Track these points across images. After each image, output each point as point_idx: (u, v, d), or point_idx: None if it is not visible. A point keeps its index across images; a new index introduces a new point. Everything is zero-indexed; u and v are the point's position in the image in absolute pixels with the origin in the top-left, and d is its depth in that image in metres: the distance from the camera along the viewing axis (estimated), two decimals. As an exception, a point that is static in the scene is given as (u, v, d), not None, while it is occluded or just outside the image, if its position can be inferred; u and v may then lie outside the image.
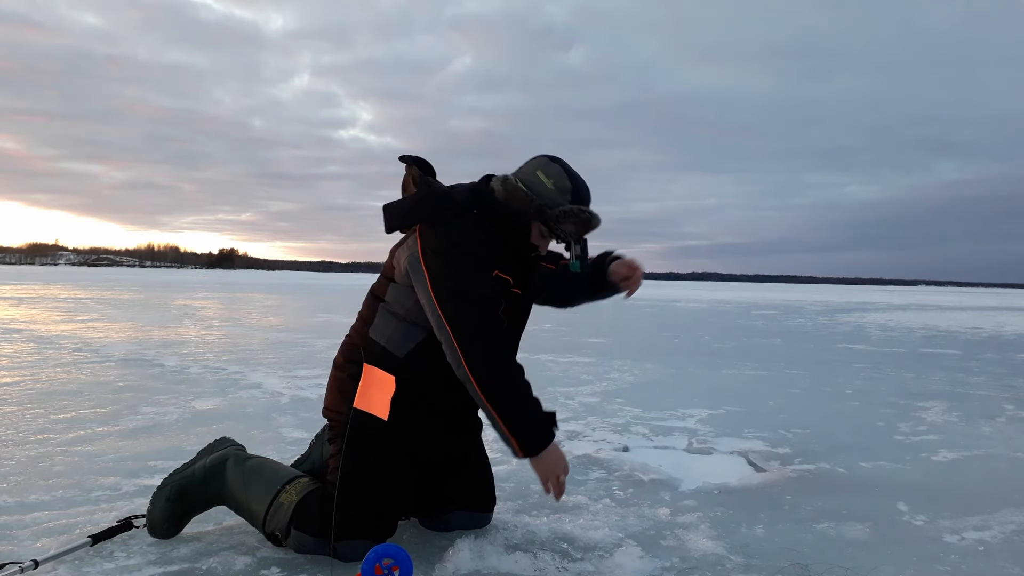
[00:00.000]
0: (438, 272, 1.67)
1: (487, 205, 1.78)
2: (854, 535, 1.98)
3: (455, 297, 1.65)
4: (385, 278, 1.83)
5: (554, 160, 1.82)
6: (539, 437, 1.68)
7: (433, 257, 1.68)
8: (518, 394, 1.67)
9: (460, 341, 1.64)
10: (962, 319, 15.20)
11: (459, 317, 1.64)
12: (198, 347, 6.31)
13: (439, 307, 1.65)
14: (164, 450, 2.69)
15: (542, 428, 1.69)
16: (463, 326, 1.64)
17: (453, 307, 1.64)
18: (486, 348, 1.65)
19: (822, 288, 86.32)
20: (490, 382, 1.64)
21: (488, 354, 1.65)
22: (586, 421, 3.46)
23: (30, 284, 23.75)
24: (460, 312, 1.64)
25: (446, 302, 1.65)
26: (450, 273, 1.66)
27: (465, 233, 1.71)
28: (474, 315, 1.65)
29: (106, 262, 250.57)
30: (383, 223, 1.77)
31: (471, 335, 1.64)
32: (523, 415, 1.67)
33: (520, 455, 1.68)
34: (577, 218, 1.76)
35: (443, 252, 1.68)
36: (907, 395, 4.57)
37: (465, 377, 1.65)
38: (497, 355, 1.66)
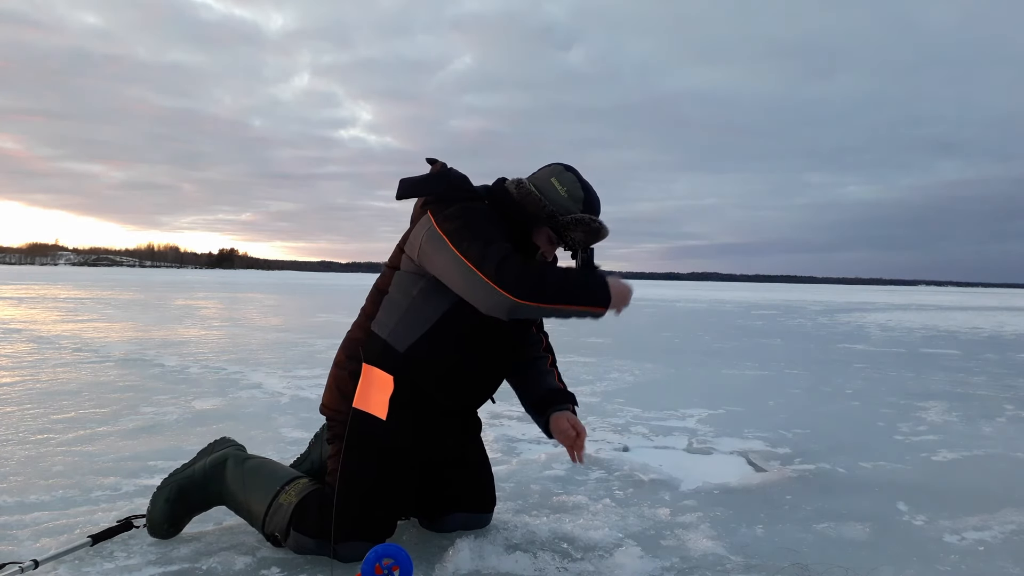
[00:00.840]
0: (457, 227, 1.66)
1: (498, 202, 1.80)
2: (854, 535, 1.98)
3: (477, 241, 1.62)
4: (390, 269, 1.83)
5: (568, 169, 1.84)
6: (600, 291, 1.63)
7: (449, 221, 1.68)
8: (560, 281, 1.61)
9: (491, 274, 1.58)
10: (962, 319, 15.20)
11: (484, 255, 1.60)
12: (198, 347, 6.31)
13: (463, 254, 1.62)
14: (164, 450, 2.69)
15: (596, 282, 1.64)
16: (491, 260, 1.59)
17: (477, 250, 1.61)
18: (518, 269, 1.59)
19: (822, 288, 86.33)
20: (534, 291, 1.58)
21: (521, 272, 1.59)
22: (586, 421, 3.46)
23: (30, 284, 23.75)
24: (484, 252, 1.60)
25: (469, 248, 1.62)
26: (468, 225, 1.66)
27: (476, 208, 1.73)
28: (498, 252, 1.61)
29: (106, 262, 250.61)
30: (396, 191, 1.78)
31: (500, 264, 1.58)
32: (576, 290, 1.61)
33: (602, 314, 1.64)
34: (587, 227, 1.77)
35: (458, 215, 1.69)
36: (907, 395, 4.57)
37: (512, 306, 1.59)
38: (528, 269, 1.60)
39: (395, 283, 1.79)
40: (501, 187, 1.84)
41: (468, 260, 1.61)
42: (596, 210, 1.83)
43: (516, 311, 1.60)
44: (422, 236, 1.72)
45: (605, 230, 1.81)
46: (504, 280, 1.57)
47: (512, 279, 1.57)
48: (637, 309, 16.13)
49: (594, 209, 1.82)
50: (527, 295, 1.57)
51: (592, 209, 1.81)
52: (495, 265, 1.58)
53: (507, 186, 1.83)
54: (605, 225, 1.81)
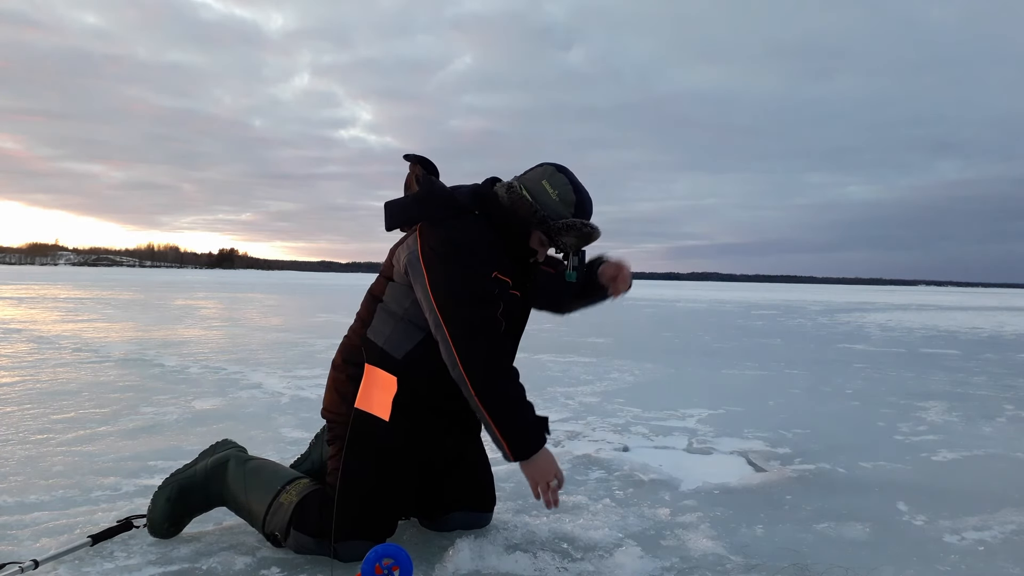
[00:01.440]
0: (437, 272, 1.67)
1: (489, 207, 1.79)
2: (854, 535, 1.98)
3: (453, 297, 1.65)
4: (384, 277, 1.83)
5: (560, 170, 1.81)
6: (529, 442, 1.69)
7: (432, 256, 1.68)
8: (509, 398, 1.68)
9: (456, 342, 1.64)
10: (962, 319, 15.20)
11: (456, 318, 1.64)
12: (198, 347, 6.31)
13: (437, 307, 1.66)
14: (164, 450, 2.69)
15: (533, 433, 1.70)
16: (460, 327, 1.64)
17: (450, 308, 1.65)
18: (481, 350, 1.65)
19: (822, 288, 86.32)
20: (483, 385, 1.65)
21: (483, 357, 1.65)
22: (586, 421, 3.46)
23: (30, 284, 23.75)
24: (457, 313, 1.64)
25: (444, 302, 1.65)
26: (449, 273, 1.66)
27: (465, 233, 1.71)
28: (471, 317, 1.65)
29: (106, 262, 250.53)
30: (384, 221, 1.77)
31: (467, 337, 1.64)
32: (513, 419, 1.68)
33: (511, 459, 1.69)
34: (579, 232, 1.77)
35: (442, 252, 1.68)
36: (907, 395, 4.57)
37: (460, 378, 1.66)
38: (492, 358, 1.67)
39: (389, 293, 1.80)
40: (491, 192, 1.81)
41: (440, 314, 1.65)
42: (588, 213, 1.81)
43: (459, 382, 1.67)
44: (405, 258, 1.74)
45: (597, 233, 1.80)
46: (467, 359, 1.64)
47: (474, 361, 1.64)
48: (637, 309, 16.12)
49: (586, 212, 1.80)
50: (475, 383, 1.64)
51: (584, 212, 1.80)
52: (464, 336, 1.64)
53: (497, 190, 1.81)
54: (597, 228, 1.80)
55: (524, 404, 1.70)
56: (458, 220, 1.73)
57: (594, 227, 1.79)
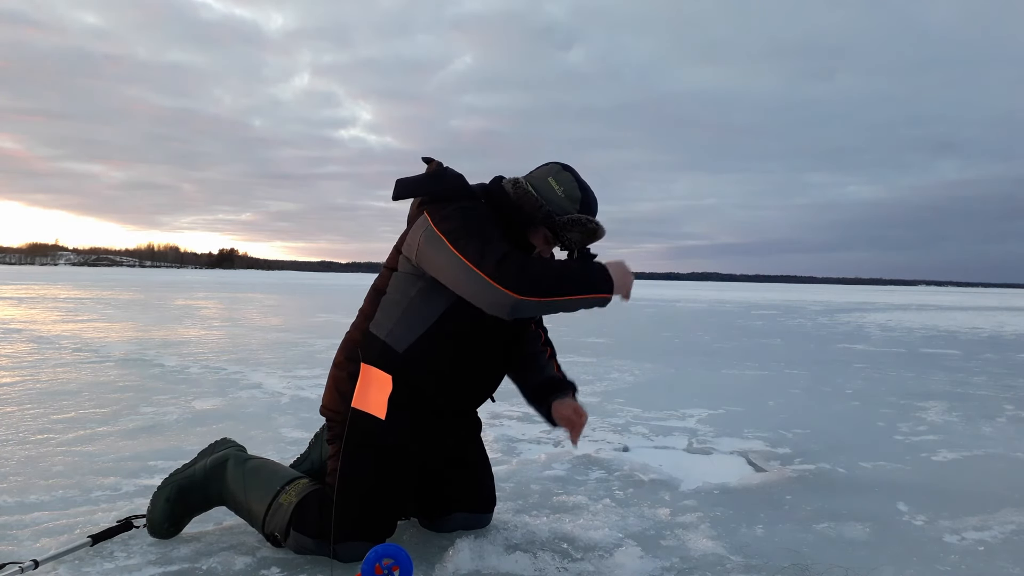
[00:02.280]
0: (455, 227, 1.66)
1: (495, 201, 1.79)
2: (854, 535, 1.98)
3: (474, 240, 1.62)
4: (388, 269, 1.83)
5: (566, 168, 1.83)
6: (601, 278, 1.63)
7: (447, 221, 1.68)
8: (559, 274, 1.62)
9: (491, 272, 1.58)
10: (962, 319, 15.20)
11: (483, 253, 1.60)
12: (198, 347, 6.31)
13: (461, 254, 1.61)
14: (164, 450, 2.69)
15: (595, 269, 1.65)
16: (490, 259, 1.59)
17: (476, 249, 1.61)
18: (518, 266, 1.59)
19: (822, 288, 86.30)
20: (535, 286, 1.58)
21: (521, 269, 1.59)
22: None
23: (30, 284, 23.75)
24: (483, 251, 1.60)
25: (467, 248, 1.62)
26: (466, 224, 1.66)
27: (473, 207, 1.73)
28: (496, 249, 1.61)
29: (106, 262, 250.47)
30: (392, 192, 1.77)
31: (500, 262, 1.58)
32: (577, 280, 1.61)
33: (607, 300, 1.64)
34: (584, 228, 1.77)
35: (455, 215, 1.69)
36: (907, 395, 4.57)
37: (512, 302, 1.58)
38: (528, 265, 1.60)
39: (393, 284, 1.79)
40: (498, 187, 1.83)
41: (467, 260, 1.61)
42: (593, 210, 1.81)
43: (519, 308, 1.60)
44: (420, 237, 1.72)
45: (602, 230, 1.80)
46: (505, 278, 1.57)
47: (513, 276, 1.57)
48: (637, 309, 16.12)
49: (591, 209, 1.81)
50: (529, 291, 1.57)
51: (589, 209, 1.80)
52: (495, 263, 1.57)
53: (504, 185, 1.82)
54: (602, 225, 1.80)
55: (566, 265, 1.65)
56: (466, 200, 1.75)
57: (599, 224, 1.79)
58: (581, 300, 1.62)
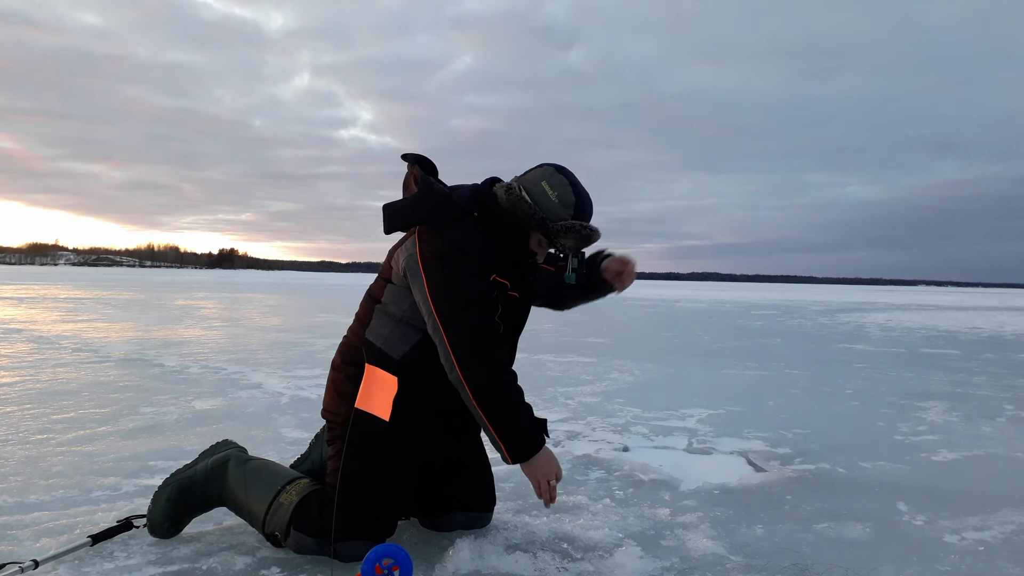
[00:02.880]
0: (435, 275, 1.67)
1: (488, 209, 1.78)
2: (854, 535, 1.98)
3: (451, 302, 1.65)
4: (382, 279, 1.83)
5: (560, 171, 1.80)
6: (528, 444, 1.70)
7: (431, 259, 1.68)
8: (508, 401, 1.68)
9: (454, 346, 1.64)
10: (962, 319, 15.20)
11: (454, 322, 1.64)
12: (198, 347, 6.30)
13: (435, 310, 1.66)
14: (164, 450, 2.69)
15: (531, 435, 1.70)
16: (457, 331, 1.64)
17: (449, 311, 1.65)
18: (479, 354, 1.65)
19: (822, 288, 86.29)
20: (481, 388, 1.65)
21: (481, 361, 1.66)
22: (586, 421, 3.46)
23: (30, 284, 23.75)
24: (455, 317, 1.64)
25: (442, 306, 1.65)
26: (447, 276, 1.66)
27: (464, 236, 1.71)
28: (469, 320, 1.65)
29: (106, 262, 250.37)
30: (382, 224, 1.77)
31: (465, 340, 1.64)
32: (513, 422, 1.68)
33: (509, 461, 1.70)
34: (578, 234, 1.76)
35: (441, 255, 1.68)
36: (907, 395, 4.57)
37: (458, 382, 1.67)
38: (490, 362, 1.67)
39: (387, 295, 1.80)
40: (490, 193, 1.80)
41: (439, 318, 1.66)
42: (588, 214, 1.80)
43: (457, 385, 1.68)
44: (404, 261, 1.74)
45: (596, 235, 1.80)
46: (465, 362, 1.64)
47: (472, 365, 1.65)
48: (637, 309, 16.13)
49: (585, 214, 1.79)
50: (473, 387, 1.65)
51: (583, 214, 1.79)
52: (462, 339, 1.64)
53: (496, 191, 1.80)
54: (596, 230, 1.79)
55: (523, 406, 1.70)
56: (456, 223, 1.72)
57: (593, 229, 1.78)
58: (494, 438, 1.69)
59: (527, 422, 1.70)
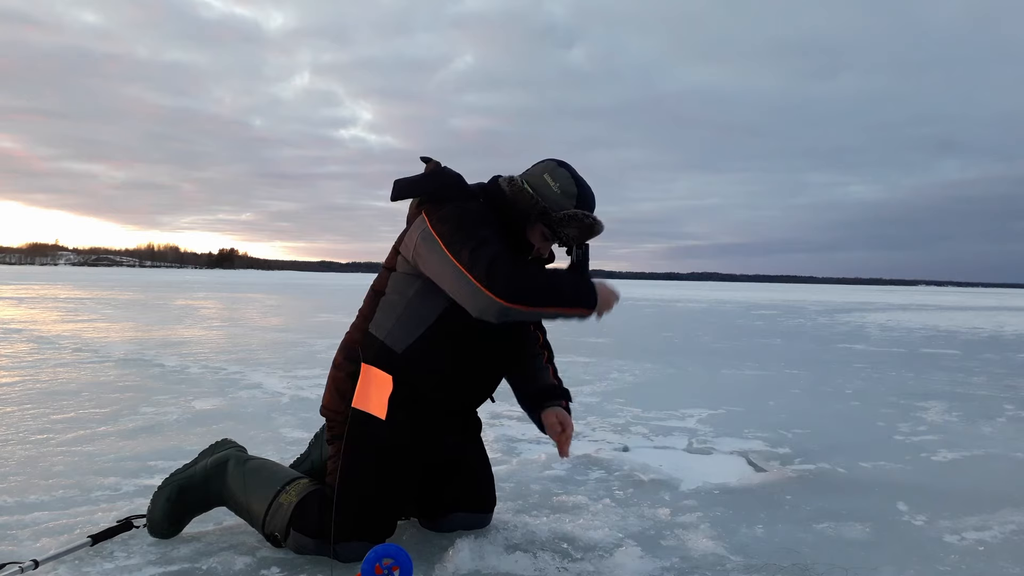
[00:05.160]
0: (450, 229, 1.66)
1: (492, 199, 1.80)
2: (854, 535, 1.98)
3: (468, 244, 1.62)
4: (386, 270, 1.83)
5: (562, 165, 1.83)
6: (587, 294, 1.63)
7: (443, 222, 1.68)
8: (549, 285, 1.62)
9: (481, 277, 1.57)
10: (962, 319, 15.19)
11: (475, 258, 1.59)
12: (198, 347, 6.30)
13: (454, 257, 1.61)
14: (164, 450, 2.69)
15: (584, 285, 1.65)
16: (480, 264, 1.58)
17: (468, 252, 1.61)
18: (507, 272, 1.58)
19: (822, 288, 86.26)
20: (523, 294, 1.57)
21: (510, 275, 1.58)
22: (586, 421, 3.46)
23: (30, 284, 23.75)
24: (475, 254, 1.60)
25: (460, 251, 1.61)
26: (461, 226, 1.66)
27: (472, 205, 1.73)
28: (488, 253, 1.60)
29: (106, 262, 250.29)
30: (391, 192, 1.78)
31: (490, 267, 1.58)
32: (566, 294, 1.62)
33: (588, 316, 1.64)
34: (580, 223, 1.76)
35: (452, 216, 1.68)
36: (907, 395, 4.57)
37: (499, 308, 1.58)
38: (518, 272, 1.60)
39: (391, 284, 1.79)
40: (495, 185, 1.83)
41: (459, 263, 1.61)
42: (590, 205, 1.81)
43: (505, 314, 1.60)
44: (417, 236, 1.73)
45: (599, 225, 1.80)
46: (494, 284, 1.56)
47: (501, 282, 1.57)
48: (637, 309, 16.12)
49: (588, 204, 1.80)
50: (517, 298, 1.57)
51: (586, 204, 1.79)
52: (485, 268, 1.57)
53: (500, 183, 1.82)
54: (599, 220, 1.79)
55: (556, 279, 1.65)
56: (464, 201, 1.75)
57: (596, 219, 1.79)
58: (566, 312, 1.63)
59: (570, 282, 1.65)
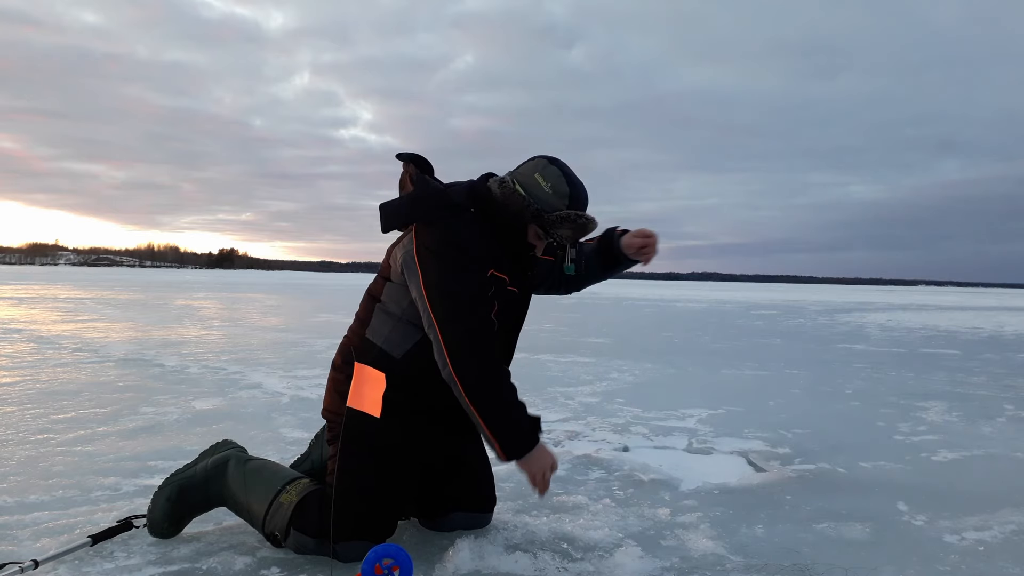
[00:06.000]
0: (432, 271, 1.66)
1: (484, 204, 1.78)
2: (854, 535, 1.98)
3: (446, 298, 1.65)
4: (382, 278, 1.83)
5: (553, 162, 1.80)
6: (521, 442, 1.69)
7: (427, 256, 1.68)
8: (501, 399, 1.68)
9: (448, 343, 1.64)
10: (962, 319, 15.19)
11: (449, 318, 1.64)
12: (198, 347, 6.31)
13: (430, 307, 1.65)
14: (164, 450, 2.69)
15: (525, 432, 1.70)
16: (452, 328, 1.64)
17: (444, 308, 1.64)
18: (473, 351, 1.65)
19: (822, 288, 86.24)
20: (475, 386, 1.65)
21: (475, 358, 1.65)
22: (586, 421, 3.46)
23: (30, 284, 23.75)
24: (450, 313, 1.64)
25: (437, 302, 1.65)
26: (443, 272, 1.66)
27: (461, 232, 1.71)
28: (464, 317, 1.65)
29: (106, 262, 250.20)
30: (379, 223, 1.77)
31: (459, 337, 1.64)
32: (506, 420, 1.67)
33: (503, 458, 1.69)
34: (574, 223, 1.75)
35: (437, 251, 1.68)
36: (907, 395, 4.57)
37: (450, 378, 1.66)
38: (484, 359, 1.66)
39: (387, 293, 1.79)
40: (484, 188, 1.80)
41: (433, 316, 1.65)
42: (583, 204, 1.79)
43: (449, 381, 1.66)
44: (401, 257, 1.74)
45: (593, 224, 1.79)
46: (458, 359, 1.63)
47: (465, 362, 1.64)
48: (637, 309, 16.13)
49: (580, 203, 1.78)
50: (466, 384, 1.64)
51: (578, 203, 1.78)
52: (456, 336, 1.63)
53: (490, 185, 1.80)
54: (592, 219, 1.78)
55: (516, 404, 1.70)
56: (453, 219, 1.72)
57: (590, 218, 1.77)
58: (487, 435, 1.68)
59: (520, 419, 1.70)
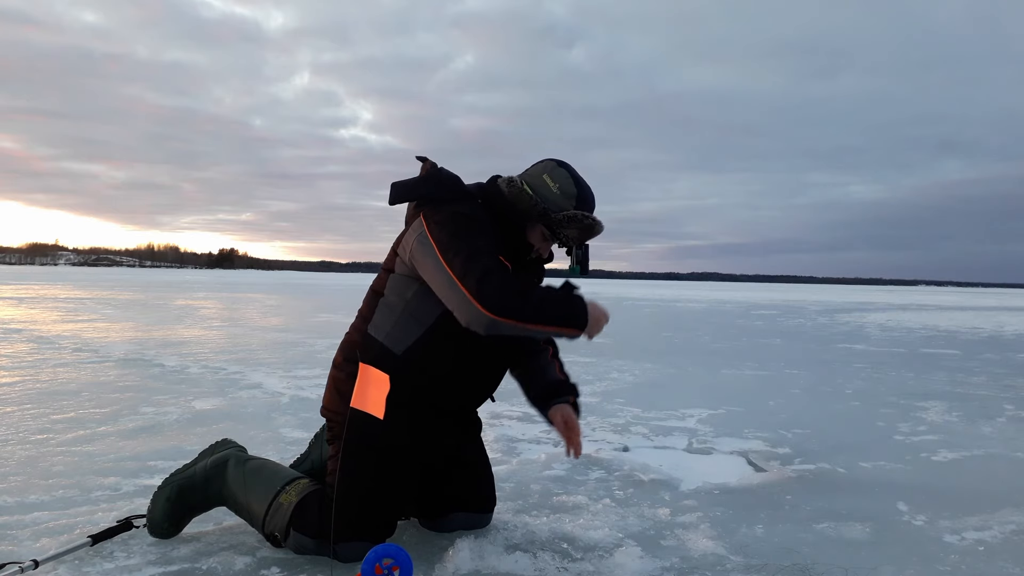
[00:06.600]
0: (445, 236, 1.65)
1: (491, 200, 1.79)
2: (854, 535, 1.98)
3: (461, 253, 1.62)
4: (385, 271, 1.83)
5: (561, 165, 1.82)
6: (578, 314, 1.61)
7: (438, 228, 1.67)
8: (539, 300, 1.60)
9: (472, 288, 1.56)
10: (962, 319, 15.19)
11: (467, 269, 1.59)
12: (198, 347, 6.30)
13: (447, 265, 1.61)
14: (164, 450, 2.69)
15: (576, 304, 1.62)
16: (472, 275, 1.58)
17: (461, 262, 1.60)
18: (498, 286, 1.57)
19: (822, 288, 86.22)
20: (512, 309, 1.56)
21: (501, 289, 1.57)
22: (586, 421, 3.46)
23: (30, 284, 23.75)
24: (467, 265, 1.59)
25: (454, 260, 1.61)
26: (456, 234, 1.65)
27: (469, 210, 1.72)
28: (481, 265, 1.60)
29: (106, 262, 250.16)
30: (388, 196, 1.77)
31: (481, 280, 1.57)
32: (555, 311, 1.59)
33: (577, 336, 1.62)
34: (580, 224, 1.76)
35: (448, 221, 1.68)
36: (907, 395, 4.57)
37: (488, 321, 1.57)
38: (509, 287, 1.58)
39: (390, 286, 1.78)
40: (494, 185, 1.83)
41: (452, 271, 1.61)
42: (590, 206, 1.81)
43: (493, 327, 1.58)
44: (413, 240, 1.73)
45: (599, 226, 1.80)
46: (484, 296, 1.56)
47: (492, 296, 1.56)
48: (637, 309, 16.13)
49: (587, 205, 1.80)
50: (505, 313, 1.56)
51: (585, 205, 1.79)
52: (477, 280, 1.56)
53: (499, 184, 1.82)
54: (599, 221, 1.79)
55: (548, 294, 1.62)
56: (460, 203, 1.74)
57: (596, 219, 1.79)
58: (556, 331, 1.62)
59: (561, 299, 1.62)
